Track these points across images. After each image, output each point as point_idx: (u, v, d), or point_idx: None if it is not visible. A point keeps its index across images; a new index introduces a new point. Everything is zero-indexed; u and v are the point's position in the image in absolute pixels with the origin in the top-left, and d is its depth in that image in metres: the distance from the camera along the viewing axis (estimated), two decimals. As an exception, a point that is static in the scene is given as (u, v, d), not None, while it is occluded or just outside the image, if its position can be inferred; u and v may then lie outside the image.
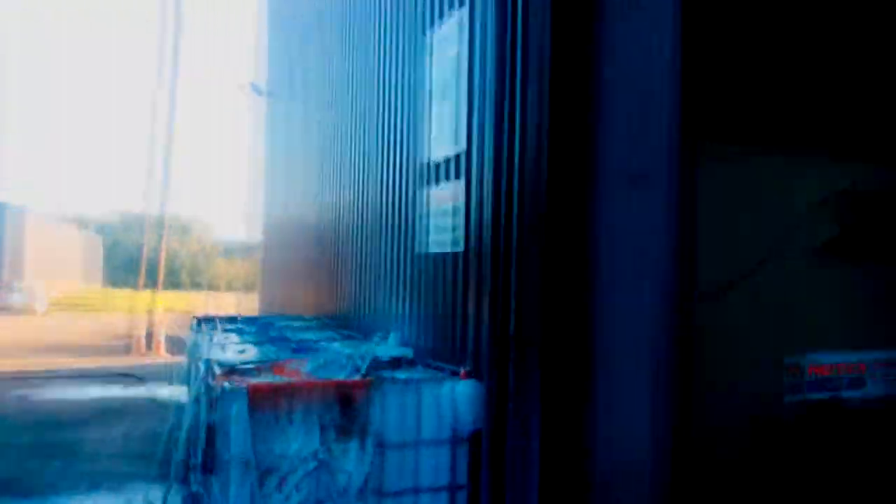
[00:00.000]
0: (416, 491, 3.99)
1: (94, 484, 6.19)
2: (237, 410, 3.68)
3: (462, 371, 4.02)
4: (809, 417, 4.35)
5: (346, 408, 3.81)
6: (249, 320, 7.57)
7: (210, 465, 3.79)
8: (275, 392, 3.73)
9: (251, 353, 4.88)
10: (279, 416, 3.70)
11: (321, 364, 4.16)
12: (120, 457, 7.17)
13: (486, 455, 3.82)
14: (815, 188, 4.67)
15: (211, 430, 3.78)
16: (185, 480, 5.51)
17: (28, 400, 10.36)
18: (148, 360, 14.63)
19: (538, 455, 3.61)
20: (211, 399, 3.78)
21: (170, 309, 18.89)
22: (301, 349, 5.00)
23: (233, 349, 5.06)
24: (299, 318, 8.52)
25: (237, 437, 3.68)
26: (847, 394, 4.77)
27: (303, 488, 3.71)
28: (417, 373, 4.24)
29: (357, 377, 3.98)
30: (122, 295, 34.09)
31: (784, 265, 4.57)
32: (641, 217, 3.63)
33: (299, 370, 4.11)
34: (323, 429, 3.76)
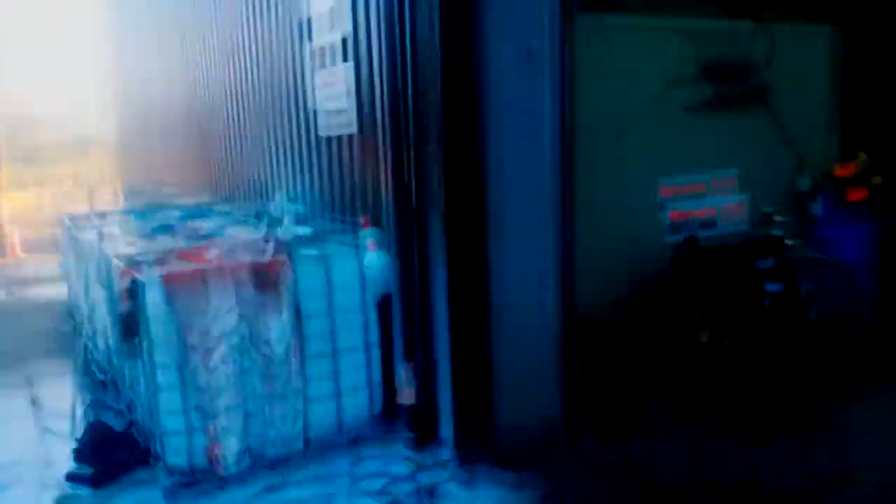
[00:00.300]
0: (335, 353, 4.36)
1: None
2: (154, 298, 3.80)
3: (368, 242, 4.30)
4: (673, 254, 5.09)
5: (262, 285, 4.03)
6: (127, 212, 7.33)
7: (132, 353, 3.92)
8: (189, 277, 3.86)
9: (149, 244, 4.88)
10: (196, 299, 3.86)
11: (227, 249, 4.29)
12: (14, 355, 6.97)
13: (398, 314, 4.21)
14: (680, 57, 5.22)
15: (128, 320, 3.88)
16: (90, 373, 5.59)
17: None
18: (4, 263, 13.70)
19: (447, 309, 4.05)
20: (124, 291, 3.85)
21: (18, 209, 17.42)
22: (199, 237, 5.04)
23: (128, 242, 5.02)
24: (180, 206, 8.33)
25: (158, 323, 3.82)
26: (701, 233, 5.57)
27: (229, 361, 3.96)
28: (326, 248, 4.47)
29: (268, 257, 4.16)
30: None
31: (658, 123, 5.16)
32: (530, 89, 3.96)
33: (207, 255, 4.21)
34: (245, 305, 3.97)
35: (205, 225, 5.55)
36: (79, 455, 4.36)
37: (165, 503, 3.94)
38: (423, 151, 3.99)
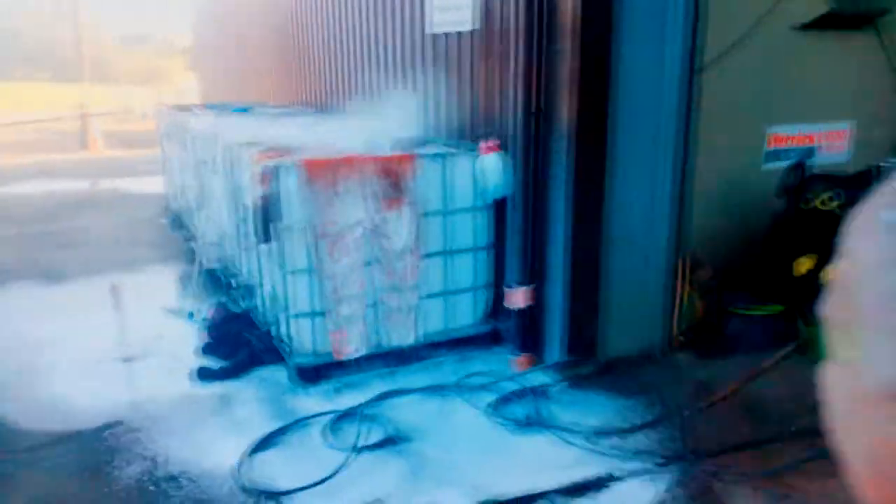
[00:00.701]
0: (448, 253, 4.47)
1: (118, 267, 6.41)
2: (293, 184, 3.93)
3: (488, 144, 4.31)
4: (780, 181, 4.96)
5: (390, 180, 4.11)
6: (224, 107, 7.44)
7: (266, 237, 4.07)
8: (327, 167, 3.96)
9: (268, 137, 4.98)
10: (331, 188, 3.97)
11: (352, 145, 4.36)
12: (124, 244, 7.31)
13: (514, 219, 4.25)
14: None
15: (262, 206, 4.02)
16: (197, 261, 5.83)
17: (5, 193, 10.04)
18: (89, 156, 14.16)
19: (564, 214, 4.08)
20: (261, 176, 3.97)
21: (99, 105, 17.81)
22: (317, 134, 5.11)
23: (249, 132, 5.13)
24: (267, 105, 8.42)
25: (294, 208, 3.97)
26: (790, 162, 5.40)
27: (355, 251, 4.10)
28: (448, 148, 4.50)
29: (395, 153, 4.22)
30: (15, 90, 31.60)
31: (766, 42, 4.91)
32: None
33: (335, 150, 4.30)
34: (370, 199, 4.08)
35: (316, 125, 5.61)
36: (207, 335, 4.64)
37: (290, 384, 4.20)
38: (555, 50, 3.92)
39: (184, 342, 4.78)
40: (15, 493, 3.21)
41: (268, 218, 3.98)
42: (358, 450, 3.47)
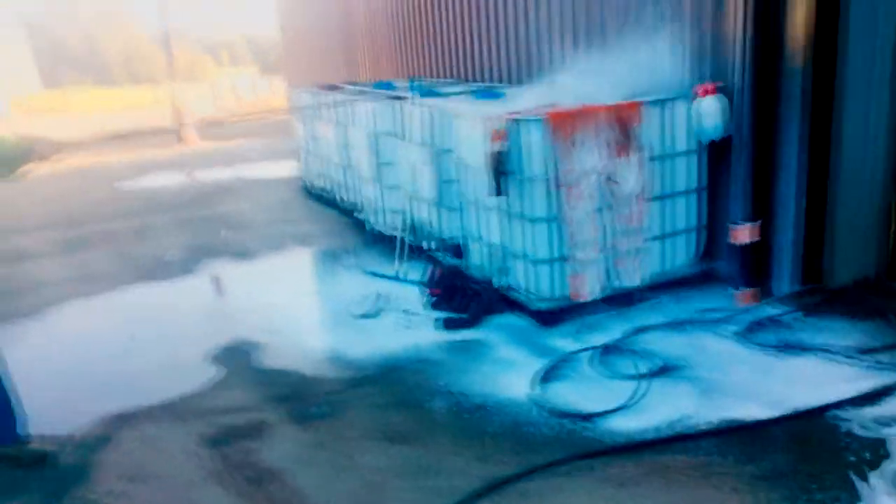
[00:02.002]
0: (670, 195, 4.64)
1: (293, 242, 6.78)
2: (535, 137, 4.13)
3: (706, 87, 4.43)
4: None
5: (621, 127, 4.28)
6: (380, 85, 7.68)
7: (499, 191, 4.29)
8: (568, 118, 4.15)
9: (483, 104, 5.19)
10: (570, 138, 4.16)
11: (582, 95, 4.54)
12: (284, 223, 7.65)
13: (745, 155, 4.37)
14: None
15: (498, 160, 4.23)
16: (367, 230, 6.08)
17: (139, 187, 10.57)
18: (189, 149, 14.70)
19: (798, 151, 4.21)
20: (498, 132, 4.18)
21: (192, 100, 18.31)
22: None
23: (457, 101, 5.34)
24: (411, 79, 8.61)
25: (535, 160, 4.18)
26: None
27: (590, 197, 4.30)
28: (671, 93, 4.63)
29: (624, 101, 4.39)
30: (86, 95, 32.53)
31: None
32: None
33: (563, 103, 4.48)
34: (605, 147, 4.26)
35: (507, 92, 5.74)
36: (431, 291, 4.91)
37: (532, 327, 4.43)
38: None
39: (405, 300, 5.07)
40: (357, 423, 3.52)
41: (501, 172, 4.20)
42: (642, 377, 3.68)
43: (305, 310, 5.12)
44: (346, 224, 7.30)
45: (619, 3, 5.19)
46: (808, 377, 3.63)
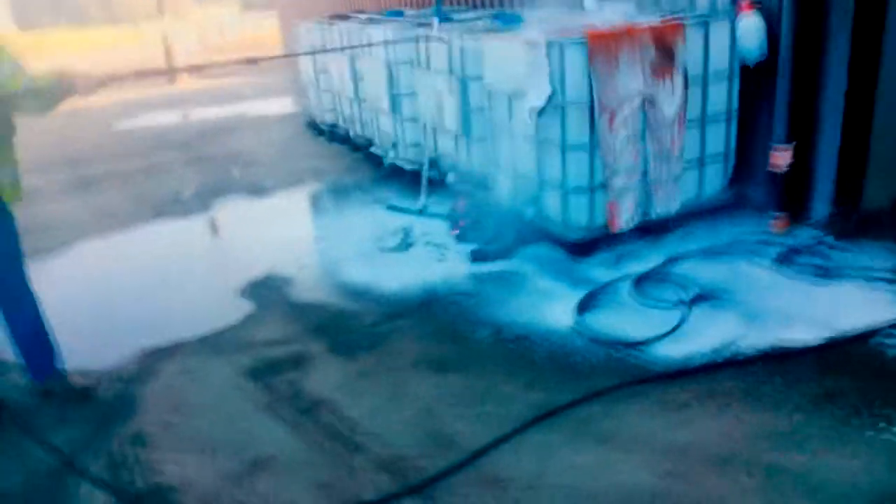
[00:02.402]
0: (707, 120, 4.52)
1: (308, 178, 6.65)
2: (576, 59, 3.99)
3: (746, 3, 4.26)
4: None
5: (661, 49, 4.14)
6: (391, 13, 7.39)
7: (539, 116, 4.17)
8: (607, 39, 3.99)
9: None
10: (611, 60, 4.02)
11: (613, 17, 4.37)
12: (296, 158, 7.51)
13: (786, 75, 4.24)
14: None
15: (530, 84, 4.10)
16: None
17: (137, 126, 10.34)
18: (182, 88, 14.32)
19: (842, 72, 4.08)
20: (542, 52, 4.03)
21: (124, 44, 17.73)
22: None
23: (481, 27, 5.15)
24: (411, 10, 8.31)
25: (576, 84, 4.04)
26: None
27: (631, 122, 4.19)
28: (706, 12, 4.47)
29: (666, 22, 4.23)
30: (63, 36, 31.50)
31: None
32: None
33: (591, 25, 4.31)
34: (646, 70, 4.12)
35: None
36: (459, 223, 4.84)
37: (567, 257, 4.38)
38: None
39: (432, 233, 5.00)
40: (401, 354, 3.50)
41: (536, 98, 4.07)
42: (686, 303, 3.65)
43: (332, 244, 5.05)
44: (361, 159, 7.15)
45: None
46: (850, 302, 3.60)
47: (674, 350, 3.34)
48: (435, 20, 5.52)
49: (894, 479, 2.43)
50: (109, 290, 4.65)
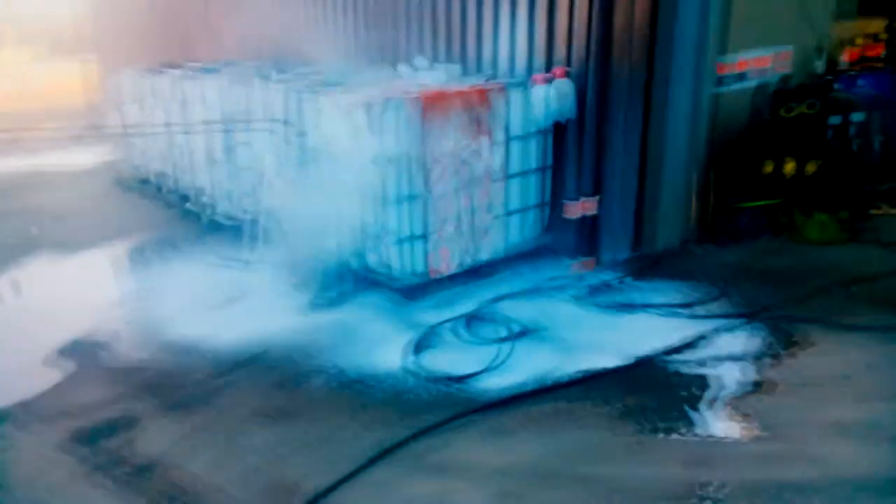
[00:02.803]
0: (520, 174, 5.00)
1: (124, 233, 6.27)
2: (401, 117, 4.28)
3: (556, 71, 4.82)
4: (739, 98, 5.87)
5: (478, 110, 4.55)
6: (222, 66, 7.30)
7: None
8: (430, 101, 4.34)
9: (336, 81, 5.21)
10: (431, 120, 4.36)
11: (437, 80, 4.74)
12: (110, 213, 7.03)
13: (588, 137, 4.82)
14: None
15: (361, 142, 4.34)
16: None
17: None
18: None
19: (633, 135, 4.76)
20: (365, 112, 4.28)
21: None
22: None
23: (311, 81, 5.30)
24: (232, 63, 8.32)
25: (400, 140, 4.33)
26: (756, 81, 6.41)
27: (451, 176, 4.54)
28: (523, 77, 4.96)
29: (485, 86, 4.65)
30: None
31: None
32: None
33: (417, 87, 4.66)
34: (463, 128, 4.51)
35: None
36: (294, 273, 4.90)
37: (397, 303, 4.59)
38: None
39: (262, 285, 4.99)
40: (237, 406, 3.47)
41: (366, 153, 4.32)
42: (504, 340, 4.00)
43: (155, 301, 4.84)
44: (179, 214, 6.92)
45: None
46: (644, 330, 4.15)
47: (499, 382, 3.64)
48: (273, 73, 5.62)
49: (686, 474, 2.85)
50: None
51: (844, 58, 7.62)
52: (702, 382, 3.55)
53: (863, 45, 7.82)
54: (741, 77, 6.57)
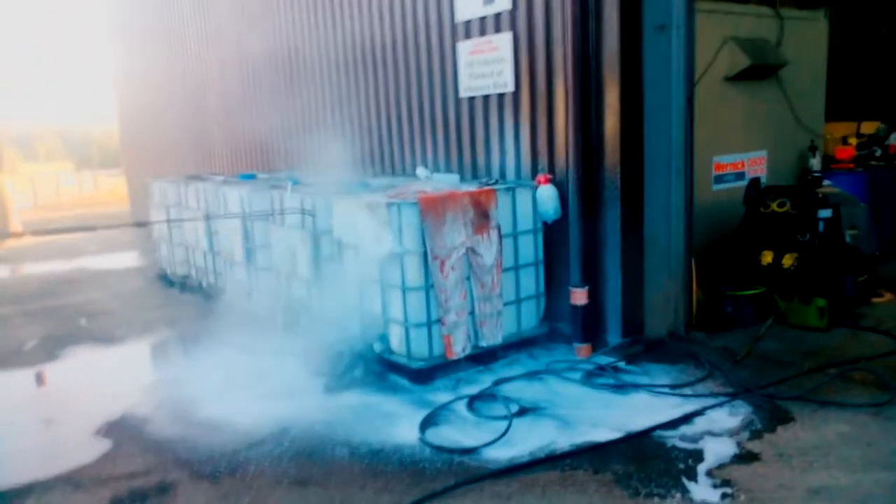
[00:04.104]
0: (517, 267, 5.49)
1: (158, 326, 6.73)
2: (411, 217, 4.83)
3: (545, 176, 5.42)
4: (744, 193, 6.45)
5: (478, 210, 5.11)
6: (244, 176, 8.06)
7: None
8: (436, 202, 4.90)
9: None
10: (439, 219, 4.90)
11: (440, 185, 5.33)
12: (146, 309, 7.58)
13: (577, 233, 5.34)
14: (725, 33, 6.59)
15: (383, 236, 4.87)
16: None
17: None
18: (20, 243, 13.76)
19: (618, 229, 5.27)
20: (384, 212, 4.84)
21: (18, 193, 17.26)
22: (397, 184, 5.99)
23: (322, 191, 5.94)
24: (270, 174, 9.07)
25: (411, 237, 4.86)
26: (735, 183, 7.02)
27: (458, 268, 5.03)
28: (513, 182, 5.56)
29: (482, 188, 5.24)
30: None
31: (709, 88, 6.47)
32: (664, 51, 5.23)
33: (421, 190, 5.25)
34: (466, 225, 5.04)
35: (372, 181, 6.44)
36: (314, 358, 5.31)
37: (409, 384, 4.97)
38: (601, 103, 5.17)
39: (285, 370, 5.40)
40: (262, 475, 3.80)
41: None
42: (510, 416, 4.34)
43: (188, 385, 5.25)
44: (213, 307, 7.44)
45: (476, 112, 6.21)
46: (640, 408, 4.48)
47: (503, 453, 3.96)
48: (289, 183, 6.27)
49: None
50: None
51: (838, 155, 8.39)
52: (690, 454, 3.85)
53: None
54: (740, 176, 7.22)
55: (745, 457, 3.79)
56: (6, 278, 10.27)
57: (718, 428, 4.14)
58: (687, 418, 4.30)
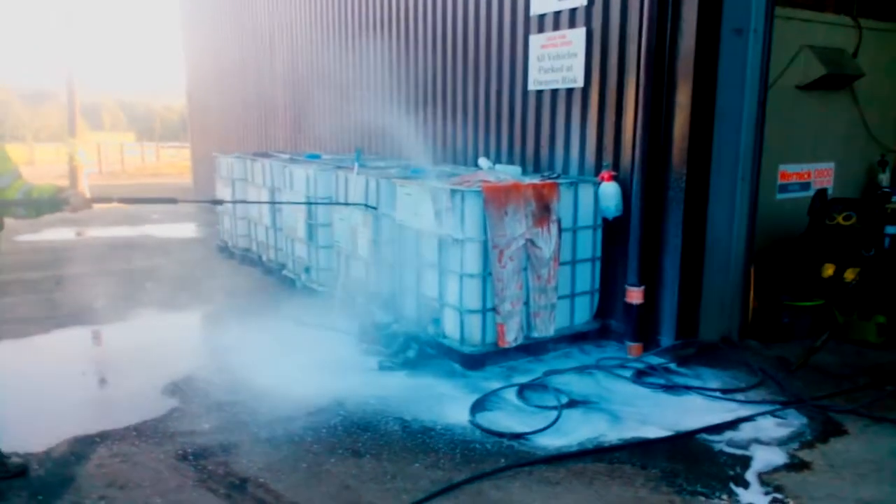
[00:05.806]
0: (576, 261, 5.54)
1: (224, 296, 7.07)
2: (473, 205, 4.92)
3: (608, 173, 5.45)
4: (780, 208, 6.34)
5: (539, 202, 5.17)
6: (310, 156, 8.30)
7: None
8: (499, 191, 4.98)
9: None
10: (501, 209, 4.98)
11: (502, 176, 5.41)
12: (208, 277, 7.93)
13: (638, 231, 5.35)
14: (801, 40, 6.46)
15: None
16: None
17: (43, 240, 10.33)
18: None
19: (681, 230, 5.26)
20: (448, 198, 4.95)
21: (73, 158, 18.01)
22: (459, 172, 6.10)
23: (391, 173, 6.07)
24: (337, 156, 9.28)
25: (473, 225, 4.95)
26: (799, 194, 6.90)
27: (516, 258, 5.10)
28: (576, 177, 5.61)
29: (544, 181, 5.31)
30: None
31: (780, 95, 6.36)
32: (739, 55, 5.17)
33: (485, 180, 5.34)
34: (527, 217, 5.11)
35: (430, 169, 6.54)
36: (368, 338, 5.46)
37: (461, 369, 5.09)
38: (672, 102, 5.17)
39: (343, 345, 5.58)
40: (318, 443, 3.97)
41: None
42: (560, 407, 4.41)
43: (249, 353, 5.46)
44: (273, 281, 7.71)
45: (543, 105, 6.25)
46: (689, 409, 4.50)
47: (552, 441, 4.04)
48: (355, 165, 6.42)
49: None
50: (33, 387, 4.82)
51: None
52: (738, 458, 3.86)
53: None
54: (806, 186, 7.11)
55: (795, 465, 3.78)
56: (72, 241, 10.76)
57: (768, 436, 4.14)
58: (737, 423, 4.30)
